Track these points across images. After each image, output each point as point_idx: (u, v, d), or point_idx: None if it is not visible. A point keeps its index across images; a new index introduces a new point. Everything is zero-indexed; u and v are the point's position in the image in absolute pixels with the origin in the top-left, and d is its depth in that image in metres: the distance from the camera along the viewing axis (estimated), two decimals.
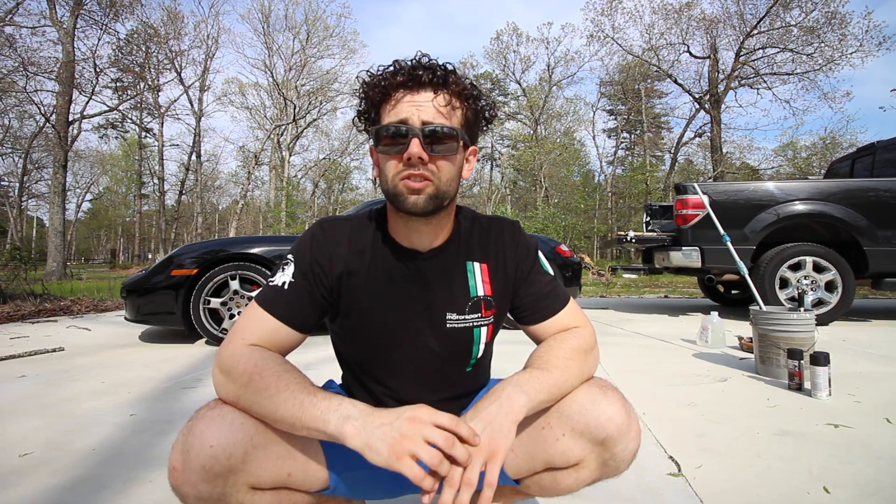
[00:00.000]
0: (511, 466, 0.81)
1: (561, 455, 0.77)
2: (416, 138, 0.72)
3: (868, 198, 4.34)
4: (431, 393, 0.85)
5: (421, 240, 0.82)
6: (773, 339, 2.42)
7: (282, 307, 0.78)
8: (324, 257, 0.81)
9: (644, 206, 6.45)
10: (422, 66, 0.76)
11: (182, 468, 0.65)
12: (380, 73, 0.77)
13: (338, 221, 0.86)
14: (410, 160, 0.72)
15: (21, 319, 5.03)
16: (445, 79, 0.76)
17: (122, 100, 24.81)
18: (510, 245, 0.88)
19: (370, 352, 0.84)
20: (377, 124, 0.78)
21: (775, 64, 20.14)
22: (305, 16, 26.93)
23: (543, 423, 0.79)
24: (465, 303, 0.84)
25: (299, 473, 0.74)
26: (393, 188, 0.75)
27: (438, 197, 0.76)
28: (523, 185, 33.60)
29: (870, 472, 1.36)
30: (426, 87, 0.75)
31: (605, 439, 0.75)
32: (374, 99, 0.77)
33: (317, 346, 2.80)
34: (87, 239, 46.78)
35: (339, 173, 32.23)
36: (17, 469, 1.43)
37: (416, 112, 0.74)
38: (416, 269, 0.83)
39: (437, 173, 0.75)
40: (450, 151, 0.76)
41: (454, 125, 0.77)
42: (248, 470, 0.68)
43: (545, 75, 30.00)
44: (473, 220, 0.89)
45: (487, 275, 0.86)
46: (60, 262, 12.87)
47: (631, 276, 9.88)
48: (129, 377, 2.57)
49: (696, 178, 26.40)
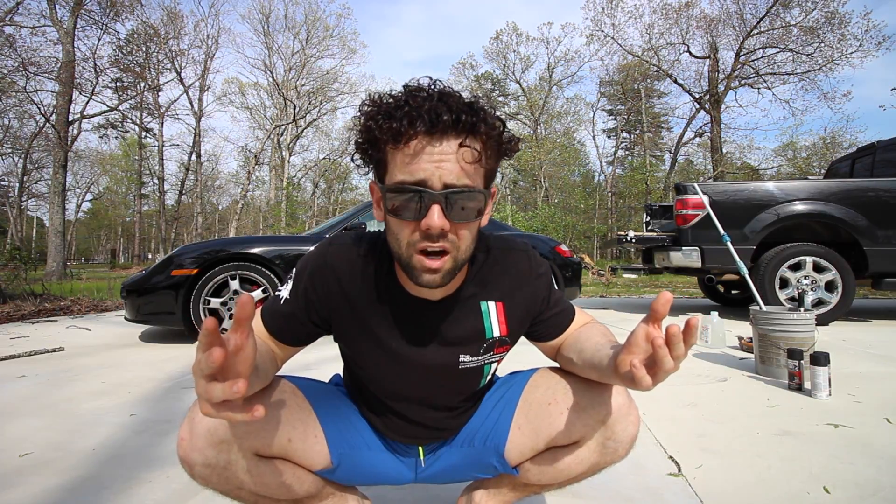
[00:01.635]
0: (515, 446, 0.83)
1: (564, 431, 0.79)
2: (438, 205, 0.62)
3: (868, 198, 4.34)
4: (434, 412, 0.85)
5: (433, 292, 0.75)
6: (773, 339, 2.42)
7: (275, 321, 0.78)
8: (322, 285, 0.76)
9: (644, 206, 6.46)
10: (446, 106, 0.62)
11: (189, 436, 0.69)
12: (388, 105, 0.64)
13: (350, 245, 0.78)
14: (430, 230, 0.63)
15: (21, 319, 5.03)
16: (473, 124, 0.63)
17: (122, 100, 24.78)
18: (526, 278, 0.82)
19: (372, 378, 0.83)
20: (379, 164, 0.67)
21: (775, 64, 20.16)
22: (305, 16, 27.00)
23: (550, 399, 0.81)
24: (480, 345, 0.80)
25: (299, 441, 0.76)
26: (407, 259, 0.67)
27: (456, 270, 0.68)
28: (523, 185, 33.58)
29: (870, 472, 1.36)
30: (449, 135, 0.62)
31: (605, 417, 0.77)
32: (381, 140, 0.64)
33: (317, 346, 2.80)
34: (87, 239, 46.77)
35: (339, 173, 32.20)
36: (17, 469, 1.43)
37: (437, 171, 0.62)
38: (426, 316, 0.77)
39: (457, 243, 0.66)
40: (473, 216, 0.66)
41: (479, 183, 0.66)
42: (251, 432, 0.70)
43: (545, 75, 30.01)
44: (487, 253, 0.81)
45: (503, 314, 0.81)
46: (60, 262, 12.87)
47: (631, 276, 9.88)
48: (129, 377, 2.57)
49: (696, 178, 26.38)
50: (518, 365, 0.81)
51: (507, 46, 29.77)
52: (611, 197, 30.36)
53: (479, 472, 0.89)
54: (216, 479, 0.72)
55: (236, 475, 0.72)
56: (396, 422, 0.85)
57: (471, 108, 0.64)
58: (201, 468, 0.70)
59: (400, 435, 0.86)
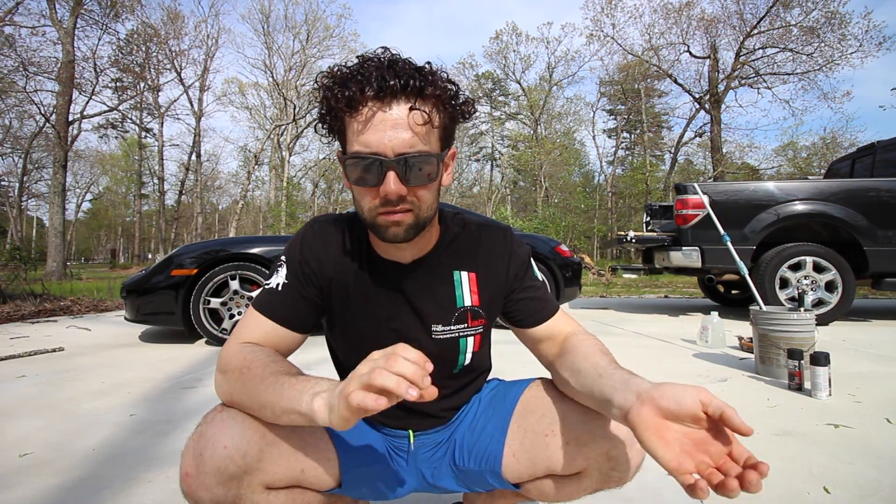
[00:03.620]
0: (512, 471, 0.80)
1: (563, 464, 0.76)
2: (392, 171, 0.65)
3: (868, 198, 4.34)
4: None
5: (402, 254, 0.79)
6: (773, 339, 2.42)
7: (276, 309, 0.77)
8: (314, 258, 0.79)
9: (644, 206, 6.46)
10: (394, 72, 0.64)
11: (196, 472, 0.64)
12: (343, 74, 0.66)
13: (329, 222, 0.82)
14: (388, 197, 0.66)
15: (21, 319, 5.03)
16: (422, 87, 0.65)
17: (122, 100, 24.81)
18: (502, 253, 0.84)
19: (355, 354, 0.82)
20: (341, 134, 0.70)
21: (775, 64, 20.16)
22: (306, 16, 27.01)
23: (547, 430, 0.78)
24: (451, 314, 0.81)
25: (312, 470, 0.74)
26: (371, 220, 0.70)
27: (419, 225, 0.71)
28: (523, 185, 33.60)
29: (870, 472, 1.36)
30: (399, 99, 0.65)
31: (609, 450, 0.74)
32: (338, 110, 0.67)
33: (317, 346, 2.80)
34: (87, 239, 46.80)
35: (339, 173, 32.20)
36: (17, 469, 1.43)
37: (390, 138, 0.64)
38: (398, 280, 0.79)
39: (416, 203, 0.69)
40: (430, 179, 0.68)
41: (433, 146, 0.68)
42: (262, 468, 0.68)
43: (545, 75, 30.04)
44: (464, 227, 0.84)
45: (476, 284, 0.82)
46: (60, 262, 12.87)
47: (631, 276, 9.88)
48: (129, 377, 2.57)
49: (696, 178, 26.40)
50: (519, 364, 0.80)
51: (508, 46, 29.82)
52: (611, 197, 30.37)
53: (480, 488, 0.88)
54: None
55: None
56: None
57: (419, 72, 0.66)
58: None
59: (387, 417, 0.85)
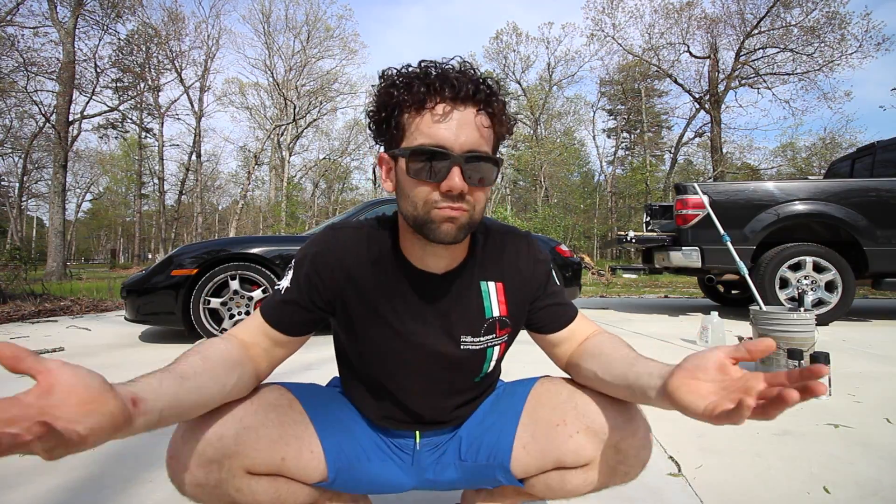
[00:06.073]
0: (521, 464, 0.80)
1: (573, 453, 0.76)
2: (458, 167, 0.65)
3: (868, 198, 4.34)
4: (436, 400, 0.84)
5: (437, 263, 0.77)
6: (773, 339, 2.42)
7: (274, 312, 0.77)
8: (325, 269, 0.76)
9: (644, 206, 6.46)
10: (467, 78, 0.67)
11: (177, 455, 0.69)
12: (409, 74, 0.68)
13: (349, 229, 0.80)
14: (450, 192, 0.66)
15: (21, 319, 5.03)
16: (489, 96, 0.68)
17: (122, 100, 24.83)
18: (526, 261, 0.83)
19: (376, 363, 0.82)
20: (396, 132, 0.69)
21: (775, 64, 20.18)
22: (306, 16, 27.05)
23: (558, 420, 0.78)
24: (481, 325, 0.80)
25: (293, 459, 0.74)
26: (424, 215, 0.68)
27: (470, 227, 0.71)
28: (523, 185, 33.59)
29: (870, 472, 1.36)
30: (468, 104, 0.67)
31: (618, 442, 0.74)
32: (403, 105, 0.67)
33: (317, 346, 2.80)
34: (87, 239, 46.81)
35: (339, 173, 32.26)
36: (17, 469, 1.43)
37: (458, 135, 0.66)
38: (430, 291, 0.78)
39: (472, 203, 0.69)
40: (489, 181, 0.70)
41: (492, 151, 0.71)
42: (241, 452, 0.69)
43: (545, 75, 30.04)
44: (486, 234, 0.83)
45: (503, 294, 0.81)
46: (60, 262, 12.87)
47: (631, 276, 9.87)
48: (129, 377, 2.56)
49: (696, 178, 26.40)
50: (520, 364, 0.79)
51: (508, 46, 29.83)
52: (611, 197, 30.37)
53: (483, 484, 0.87)
54: (207, 497, 0.71)
55: (227, 493, 0.71)
56: (395, 410, 0.83)
57: (486, 84, 0.69)
58: (191, 487, 0.70)
59: (396, 421, 0.85)
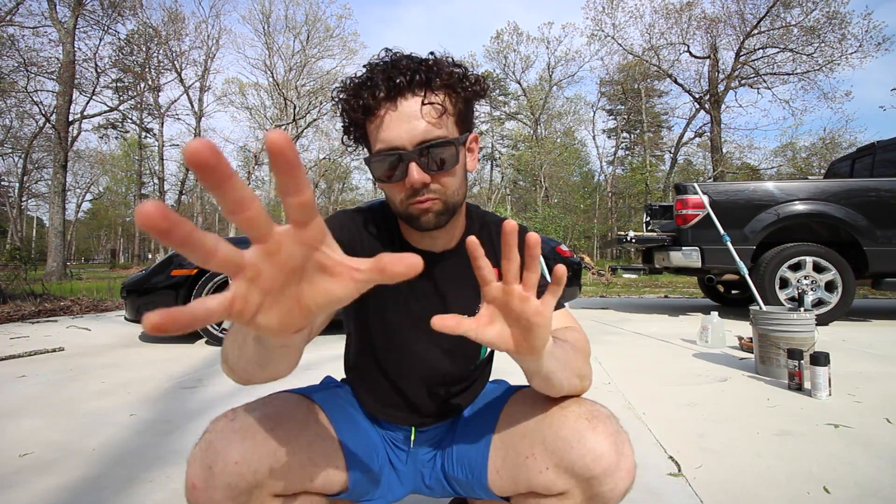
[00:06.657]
0: (497, 486, 0.81)
1: (544, 487, 0.75)
2: (413, 163, 0.67)
3: (868, 198, 4.34)
4: (434, 387, 0.86)
5: (434, 243, 0.80)
6: (773, 339, 2.42)
7: None
8: (347, 244, 0.77)
9: (644, 206, 6.46)
10: (398, 70, 0.67)
11: (204, 486, 0.62)
12: (355, 85, 0.70)
13: (356, 213, 0.83)
14: (413, 187, 0.69)
15: (21, 319, 5.03)
16: (428, 78, 0.68)
17: (122, 100, 24.81)
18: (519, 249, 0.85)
19: (380, 341, 0.83)
20: (364, 141, 0.73)
21: (775, 64, 20.16)
22: (306, 16, 27.00)
23: (528, 452, 0.76)
24: (477, 303, 0.81)
25: (321, 478, 0.74)
26: (404, 212, 0.73)
27: (449, 210, 0.73)
28: (523, 185, 33.57)
29: (870, 472, 1.36)
30: (409, 94, 0.67)
31: (590, 478, 0.71)
32: (357, 119, 0.70)
33: (317, 345, 2.81)
34: (87, 239, 46.77)
35: (339, 173, 32.24)
36: (17, 469, 1.43)
37: (406, 131, 0.67)
38: (430, 269, 0.80)
39: (442, 189, 0.71)
40: (451, 164, 0.70)
41: (449, 131, 0.70)
42: (273, 483, 0.67)
43: (545, 75, 30.03)
44: (483, 224, 0.86)
45: (499, 277, 0.83)
46: (60, 262, 12.86)
47: (631, 276, 9.88)
48: (129, 377, 2.57)
49: (696, 178, 26.39)
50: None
51: (508, 46, 29.81)
52: (611, 197, 30.37)
53: (472, 496, 0.88)
54: None
55: None
56: (395, 399, 0.85)
57: (423, 64, 0.68)
58: None
59: (394, 412, 0.86)
